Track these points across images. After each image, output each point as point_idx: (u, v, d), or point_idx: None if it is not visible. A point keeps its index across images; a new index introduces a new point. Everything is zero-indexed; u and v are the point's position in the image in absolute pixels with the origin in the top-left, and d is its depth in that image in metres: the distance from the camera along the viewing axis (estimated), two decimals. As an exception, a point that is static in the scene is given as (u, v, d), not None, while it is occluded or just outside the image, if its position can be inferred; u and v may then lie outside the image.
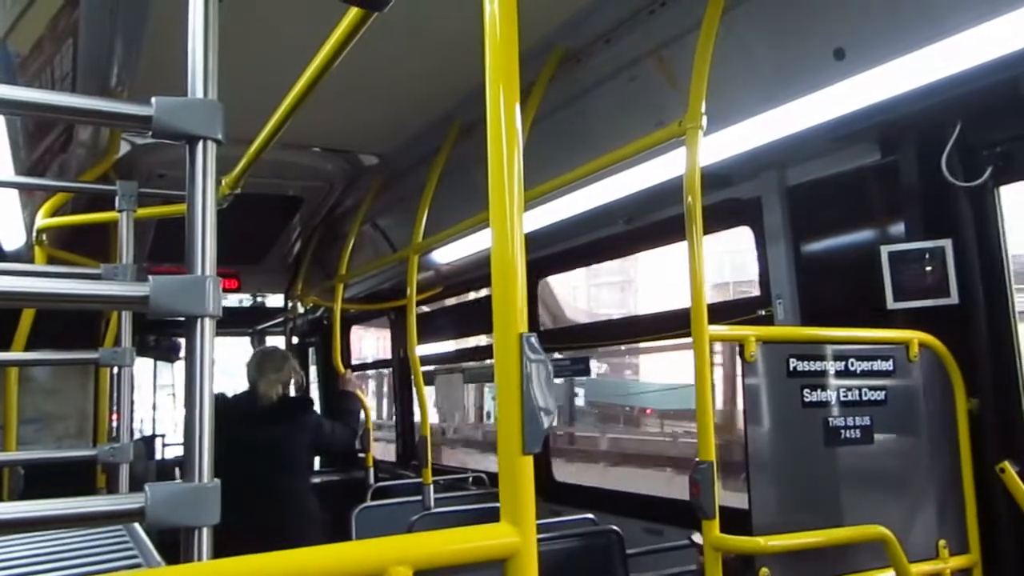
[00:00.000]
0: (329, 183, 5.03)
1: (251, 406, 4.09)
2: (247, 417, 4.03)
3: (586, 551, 3.27)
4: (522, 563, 1.02)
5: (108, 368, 3.80)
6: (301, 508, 4.13)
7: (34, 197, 3.35)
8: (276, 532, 3.18)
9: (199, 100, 1.19)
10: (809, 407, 2.28)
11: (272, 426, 4.06)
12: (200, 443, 1.13)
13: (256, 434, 3.97)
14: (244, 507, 3.34)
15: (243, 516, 2.69)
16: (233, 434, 3.76)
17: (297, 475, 4.21)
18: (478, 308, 5.68)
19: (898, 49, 2.21)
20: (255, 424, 4.01)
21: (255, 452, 3.90)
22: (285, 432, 4.10)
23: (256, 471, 3.89)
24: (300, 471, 4.29)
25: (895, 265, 2.65)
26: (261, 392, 4.12)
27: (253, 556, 0.92)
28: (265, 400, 4.12)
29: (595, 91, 3.17)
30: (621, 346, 15.73)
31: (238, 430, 3.86)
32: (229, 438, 3.61)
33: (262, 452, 3.95)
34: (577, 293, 18.47)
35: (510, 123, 1.13)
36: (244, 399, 4.18)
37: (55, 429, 5.00)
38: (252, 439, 3.93)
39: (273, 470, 4.01)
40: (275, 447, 4.03)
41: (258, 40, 2.88)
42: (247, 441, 3.89)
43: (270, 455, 3.99)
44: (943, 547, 2.38)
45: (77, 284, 1.11)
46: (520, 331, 1.05)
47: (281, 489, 4.03)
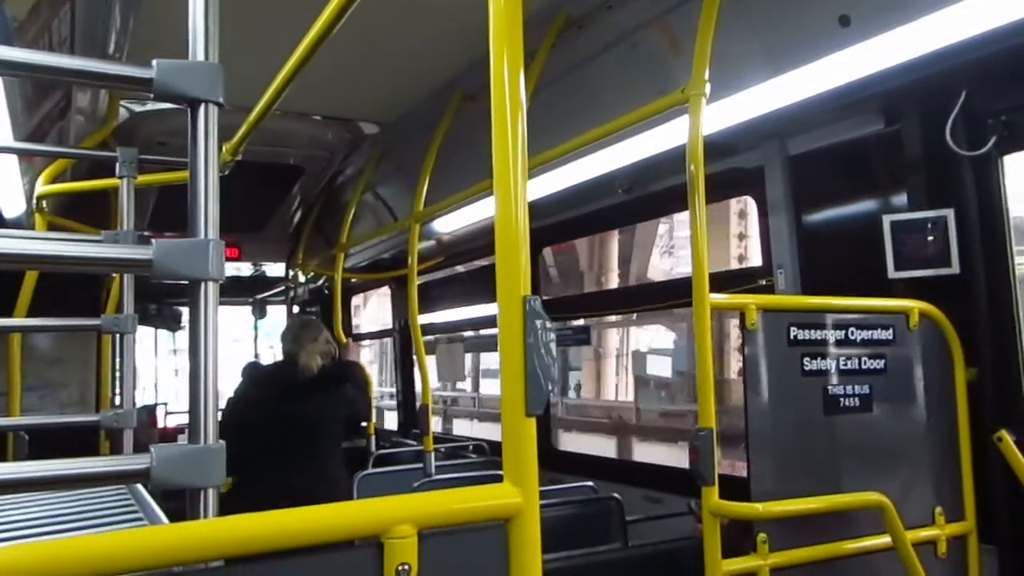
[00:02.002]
0: (330, 151, 5.01)
1: (291, 378, 3.93)
2: (287, 389, 3.90)
3: (586, 518, 3.30)
4: (524, 523, 1.03)
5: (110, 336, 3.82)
6: (336, 480, 4.04)
7: (33, 164, 3.34)
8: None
9: (200, 63, 1.19)
10: (809, 375, 2.29)
11: (311, 398, 3.92)
12: (205, 405, 1.14)
13: (292, 406, 3.85)
14: (282, 479, 3.55)
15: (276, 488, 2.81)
16: (273, 406, 3.81)
17: (333, 448, 4.09)
18: (479, 277, 5.69)
19: (904, 16, 2.19)
20: (292, 395, 3.88)
21: (290, 424, 3.81)
22: (323, 405, 3.97)
23: (291, 443, 3.80)
24: (337, 444, 4.15)
25: (897, 234, 2.64)
26: (302, 364, 3.94)
27: (259, 514, 0.93)
28: (307, 372, 3.94)
29: (597, 59, 3.14)
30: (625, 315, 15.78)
31: (279, 402, 3.82)
32: (269, 410, 3.76)
33: (298, 424, 3.84)
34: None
35: (514, 89, 1.12)
36: (284, 370, 4.01)
37: (58, 397, 5.03)
38: (287, 410, 3.84)
39: (313, 443, 3.90)
40: (313, 420, 3.89)
41: (258, 5, 2.86)
42: (282, 412, 3.82)
43: (307, 427, 3.87)
44: (939, 514, 2.41)
45: (80, 247, 1.12)
46: (523, 294, 1.05)
47: (319, 462, 3.92)
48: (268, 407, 3.81)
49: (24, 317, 3.08)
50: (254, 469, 3.44)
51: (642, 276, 17.22)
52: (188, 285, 1.15)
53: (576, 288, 16.47)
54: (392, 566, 0.96)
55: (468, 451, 5.12)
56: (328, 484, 3.90)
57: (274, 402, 3.84)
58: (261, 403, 3.84)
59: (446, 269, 6.05)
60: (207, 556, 0.91)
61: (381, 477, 4.33)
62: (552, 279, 16.04)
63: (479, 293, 5.66)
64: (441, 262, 5.86)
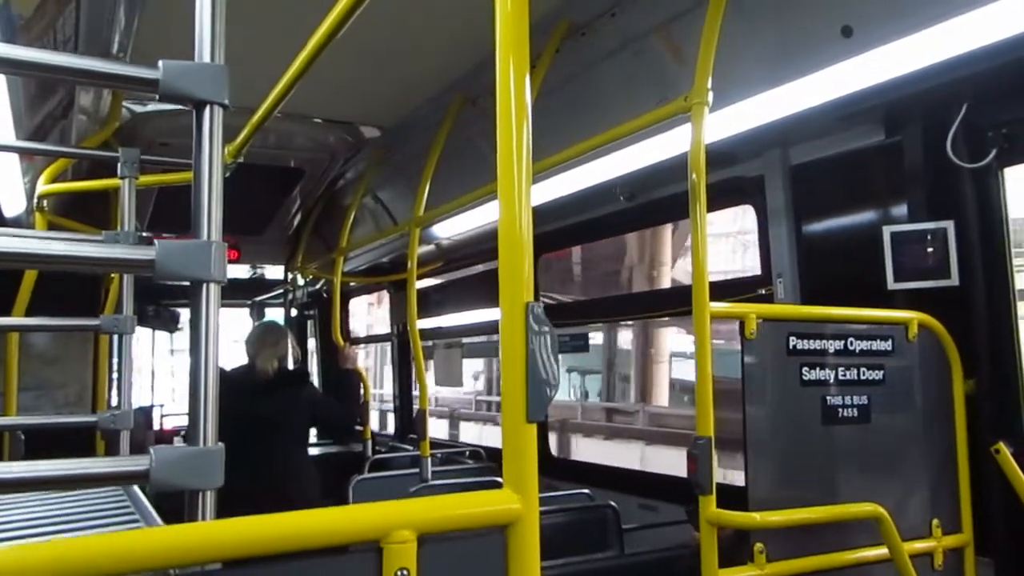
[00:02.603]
0: (330, 155, 5.00)
1: (250, 379, 4.21)
2: (245, 390, 4.15)
3: (582, 525, 3.30)
4: (524, 530, 1.03)
5: (108, 336, 3.81)
6: (300, 477, 4.26)
7: (35, 163, 3.33)
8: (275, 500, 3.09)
9: (206, 64, 1.19)
10: (808, 385, 2.29)
11: (269, 398, 4.17)
12: (205, 407, 1.14)
13: (255, 406, 4.10)
14: (245, 476, 3.48)
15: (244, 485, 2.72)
16: (234, 407, 3.77)
17: (295, 445, 4.34)
18: (478, 282, 5.68)
19: (907, 27, 2.19)
20: (253, 396, 4.14)
21: (254, 423, 4.04)
22: (281, 404, 4.21)
23: (256, 441, 4.00)
24: (298, 441, 4.41)
25: (897, 245, 2.65)
26: (259, 367, 4.23)
27: (259, 517, 0.92)
28: (262, 374, 4.22)
29: (599, 66, 3.15)
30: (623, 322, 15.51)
31: (239, 402, 3.97)
32: (230, 410, 3.83)
33: (261, 423, 4.08)
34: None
35: (519, 94, 1.13)
36: (243, 372, 4.29)
37: (55, 397, 5.01)
38: (251, 411, 4.06)
39: (272, 441, 4.13)
40: (273, 419, 4.15)
41: (262, 8, 2.86)
42: (246, 413, 4.02)
43: (269, 426, 4.12)
44: (936, 526, 2.41)
45: (84, 247, 1.12)
46: (526, 300, 1.05)
47: (280, 459, 4.15)
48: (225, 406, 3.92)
49: (23, 316, 3.07)
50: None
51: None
52: (189, 286, 1.15)
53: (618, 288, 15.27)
54: (391, 571, 0.96)
55: (465, 457, 5.11)
56: (292, 479, 4.15)
57: (234, 401, 3.85)
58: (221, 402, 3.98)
59: (445, 274, 6.05)
60: (206, 558, 0.90)
61: (377, 482, 4.32)
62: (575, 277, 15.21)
63: (478, 298, 5.66)
64: (440, 267, 5.86)
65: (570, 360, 19.44)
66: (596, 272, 15.37)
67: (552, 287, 5.95)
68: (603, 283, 15.32)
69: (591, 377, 18.58)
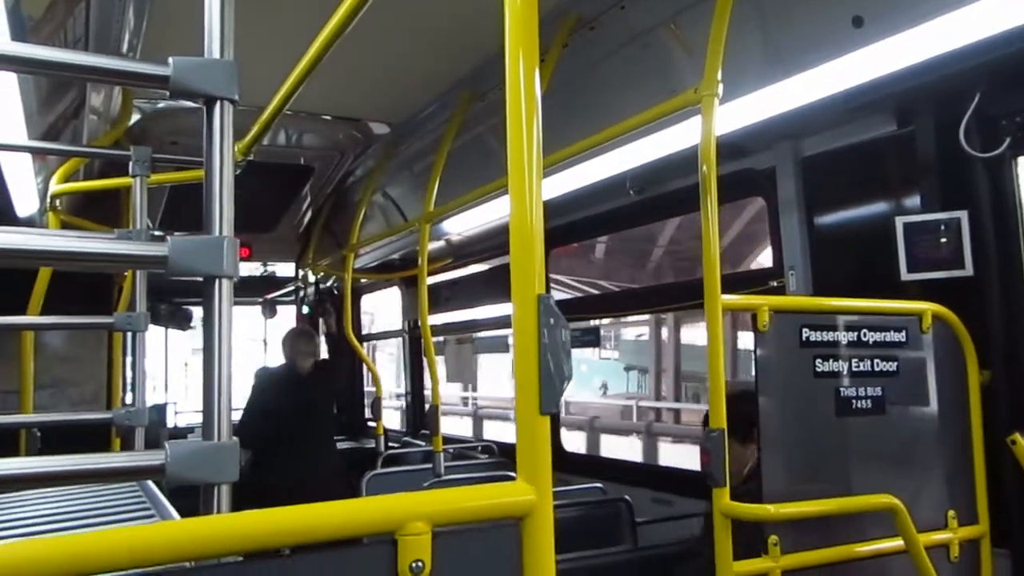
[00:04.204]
0: (340, 152, 5.02)
1: (293, 375, 5.12)
2: (292, 384, 5.07)
3: (596, 519, 3.30)
4: (538, 521, 1.03)
5: (122, 335, 3.83)
6: (333, 451, 5.41)
7: (47, 163, 3.35)
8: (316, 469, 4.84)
9: (216, 60, 1.20)
10: (821, 377, 2.28)
11: (311, 389, 5.11)
12: (219, 402, 1.15)
13: (301, 396, 5.02)
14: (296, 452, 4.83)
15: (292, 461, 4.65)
16: (281, 397, 4.99)
17: (330, 426, 5.44)
18: (490, 278, 5.69)
19: (918, 17, 2.17)
20: (299, 389, 5.06)
21: (299, 411, 4.96)
22: (321, 394, 5.21)
23: (300, 425, 4.93)
24: (332, 421, 5.58)
25: (910, 236, 2.63)
26: (299, 364, 5.13)
27: (274, 510, 0.93)
28: (302, 370, 5.12)
29: (608, 59, 3.14)
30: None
31: (286, 394, 4.98)
32: (279, 399, 4.95)
33: (306, 410, 5.01)
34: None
35: (529, 88, 1.12)
36: (286, 370, 5.19)
37: (69, 395, 5.05)
38: (298, 399, 4.99)
39: (314, 423, 5.07)
40: (315, 406, 5.10)
41: (271, 5, 2.87)
42: (295, 401, 4.96)
43: (312, 412, 5.06)
44: (952, 518, 2.39)
45: (98, 243, 1.12)
46: (538, 292, 1.05)
47: (321, 437, 5.17)
48: (275, 398, 5.04)
49: (37, 315, 3.09)
50: (273, 444, 4.73)
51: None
52: (203, 282, 1.15)
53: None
54: (406, 563, 0.96)
55: (477, 452, 5.12)
56: (328, 453, 5.26)
57: (281, 394, 5.02)
58: (270, 396, 5.05)
59: (456, 269, 6.06)
60: (222, 551, 0.91)
61: (390, 477, 4.34)
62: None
63: (489, 293, 5.66)
64: (451, 263, 5.86)
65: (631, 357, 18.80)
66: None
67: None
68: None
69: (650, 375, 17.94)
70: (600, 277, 13.88)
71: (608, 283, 13.62)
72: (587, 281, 13.52)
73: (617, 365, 19.76)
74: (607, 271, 14.20)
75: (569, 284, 13.38)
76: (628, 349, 19.76)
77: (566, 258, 12.74)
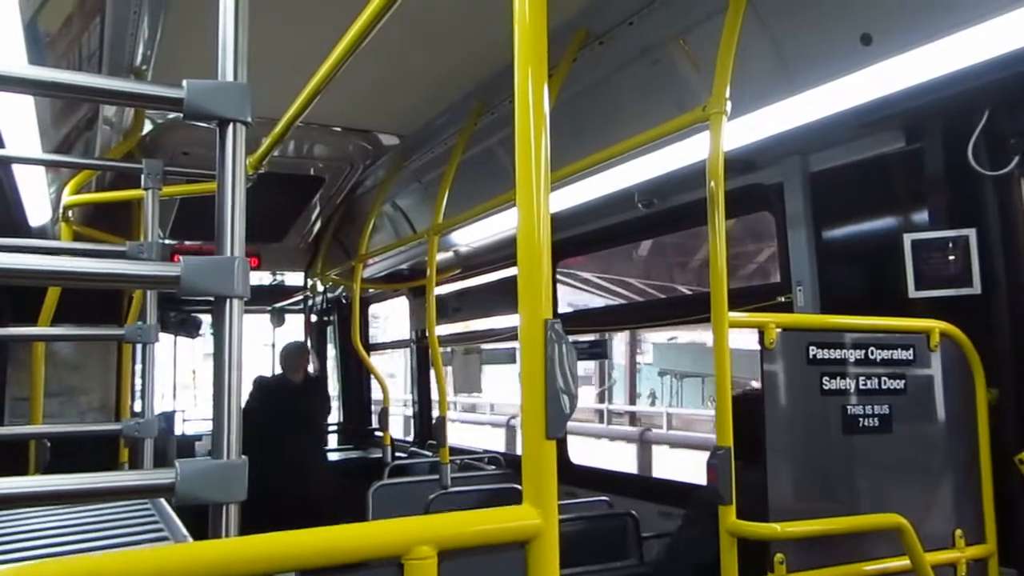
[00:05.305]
0: (350, 163, 5.04)
1: (284, 385, 5.83)
2: (282, 392, 5.73)
3: (602, 533, 3.30)
4: (544, 546, 1.04)
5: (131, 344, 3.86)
6: (322, 457, 6.14)
7: (60, 174, 3.39)
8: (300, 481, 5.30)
9: (230, 83, 1.21)
10: (828, 395, 2.27)
11: (300, 399, 5.78)
12: (229, 421, 1.15)
13: (289, 405, 5.62)
14: (286, 456, 5.30)
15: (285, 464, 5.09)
16: (274, 407, 5.55)
17: (320, 434, 6.19)
18: (498, 289, 5.70)
19: (927, 35, 2.18)
20: (288, 398, 5.69)
21: (288, 419, 5.53)
22: (313, 403, 5.90)
23: (289, 432, 5.47)
24: (323, 427, 6.34)
25: (918, 253, 2.63)
26: (290, 376, 5.85)
27: (280, 533, 0.94)
28: (294, 381, 5.84)
29: (617, 75, 3.15)
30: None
31: (277, 402, 5.59)
32: (272, 409, 5.44)
33: (295, 418, 5.58)
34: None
35: (538, 104, 1.13)
36: (278, 379, 5.93)
37: (78, 403, 5.09)
38: (286, 409, 5.58)
39: (305, 430, 5.70)
40: (304, 415, 5.72)
41: (284, 21, 2.89)
42: (283, 409, 5.54)
43: (301, 420, 5.65)
44: (959, 537, 2.38)
45: (109, 264, 1.14)
46: (545, 317, 1.06)
47: (309, 445, 5.80)
48: (268, 406, 5.58)
49: (48, 325, 3.12)
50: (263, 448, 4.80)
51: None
52: (214, 302, 1.16)
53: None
54: None
55: (484, 463, 5.12)
56: (317, 459, 5.95)
57: (274, 403, 5.62)
58: (263, 404, 5.62)
59: (463, 280, 6.07)
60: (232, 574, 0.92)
61: (396, 488, 4.34)
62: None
63: (497, 304, 5.67)
64: (458, 274, 5.87)
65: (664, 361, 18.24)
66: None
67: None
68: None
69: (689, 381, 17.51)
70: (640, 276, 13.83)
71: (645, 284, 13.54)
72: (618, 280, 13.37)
73: (651, 370, 19.29)
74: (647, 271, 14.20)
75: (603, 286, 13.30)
76: (660, 352, 19.40)
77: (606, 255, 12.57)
